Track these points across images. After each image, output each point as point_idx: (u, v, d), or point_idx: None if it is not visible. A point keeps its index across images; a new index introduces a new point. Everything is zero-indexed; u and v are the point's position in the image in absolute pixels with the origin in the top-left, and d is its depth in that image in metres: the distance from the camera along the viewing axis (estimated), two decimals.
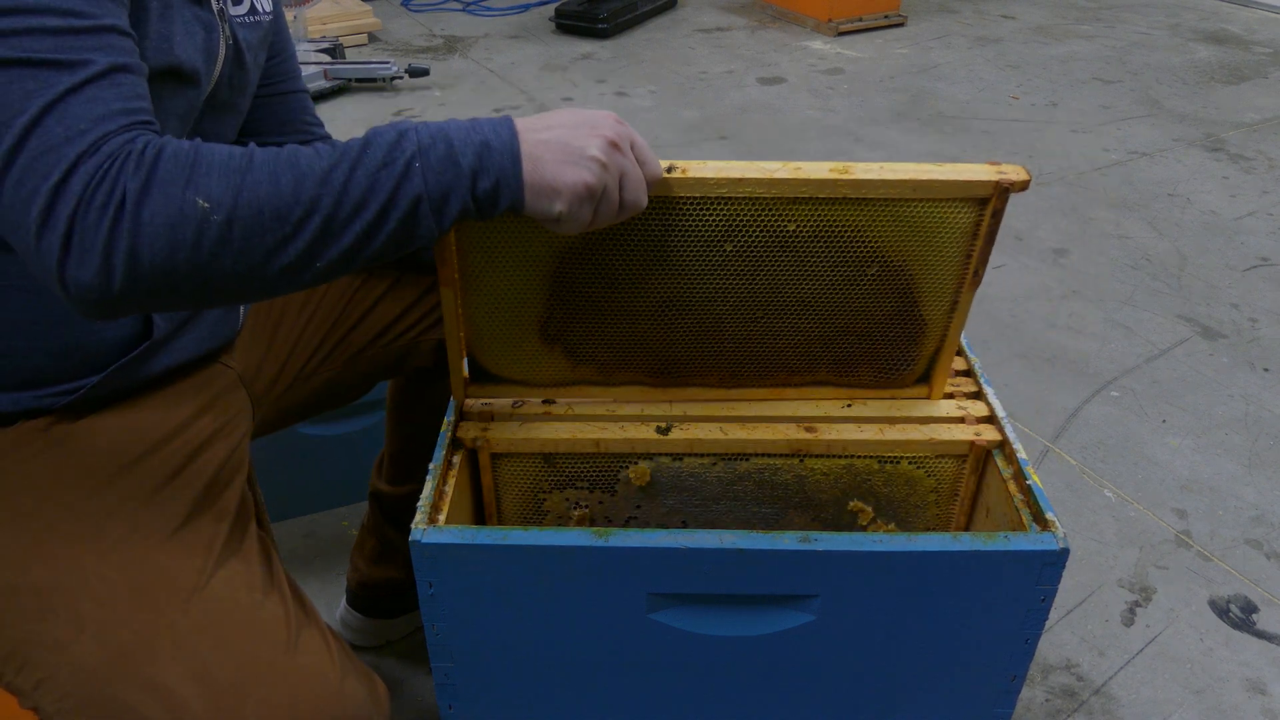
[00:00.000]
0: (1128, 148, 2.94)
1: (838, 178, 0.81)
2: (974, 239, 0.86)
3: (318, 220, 0.63)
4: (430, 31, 3.95)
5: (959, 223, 0.85)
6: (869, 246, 0.86)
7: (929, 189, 0.82)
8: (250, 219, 0.61)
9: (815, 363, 0.95)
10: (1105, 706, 1.28)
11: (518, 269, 0.87)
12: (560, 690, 0.90)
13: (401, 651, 1.33)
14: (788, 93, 3.35)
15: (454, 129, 0.67)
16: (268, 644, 0.73)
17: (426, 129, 0.67)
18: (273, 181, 0.61)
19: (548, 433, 0.94)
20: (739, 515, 1.00)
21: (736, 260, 0.87)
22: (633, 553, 0.79)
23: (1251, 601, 1.43)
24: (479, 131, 0.67)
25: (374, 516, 1.25)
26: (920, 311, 0.92)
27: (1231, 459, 1.71)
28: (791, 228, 0.85)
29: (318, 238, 0.63)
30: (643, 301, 0.89)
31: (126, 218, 0.58)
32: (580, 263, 0.86)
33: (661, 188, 0.80)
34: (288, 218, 0.62)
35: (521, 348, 0.93)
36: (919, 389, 0.98)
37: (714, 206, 0.83)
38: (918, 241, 0.86)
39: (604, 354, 0.94)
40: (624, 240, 0.85)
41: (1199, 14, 4.27)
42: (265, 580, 0.78)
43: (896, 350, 0.95)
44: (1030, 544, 0.80)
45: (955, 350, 0.98)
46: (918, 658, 0.87)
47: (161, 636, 0.70)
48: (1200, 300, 2.18)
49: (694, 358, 0.94)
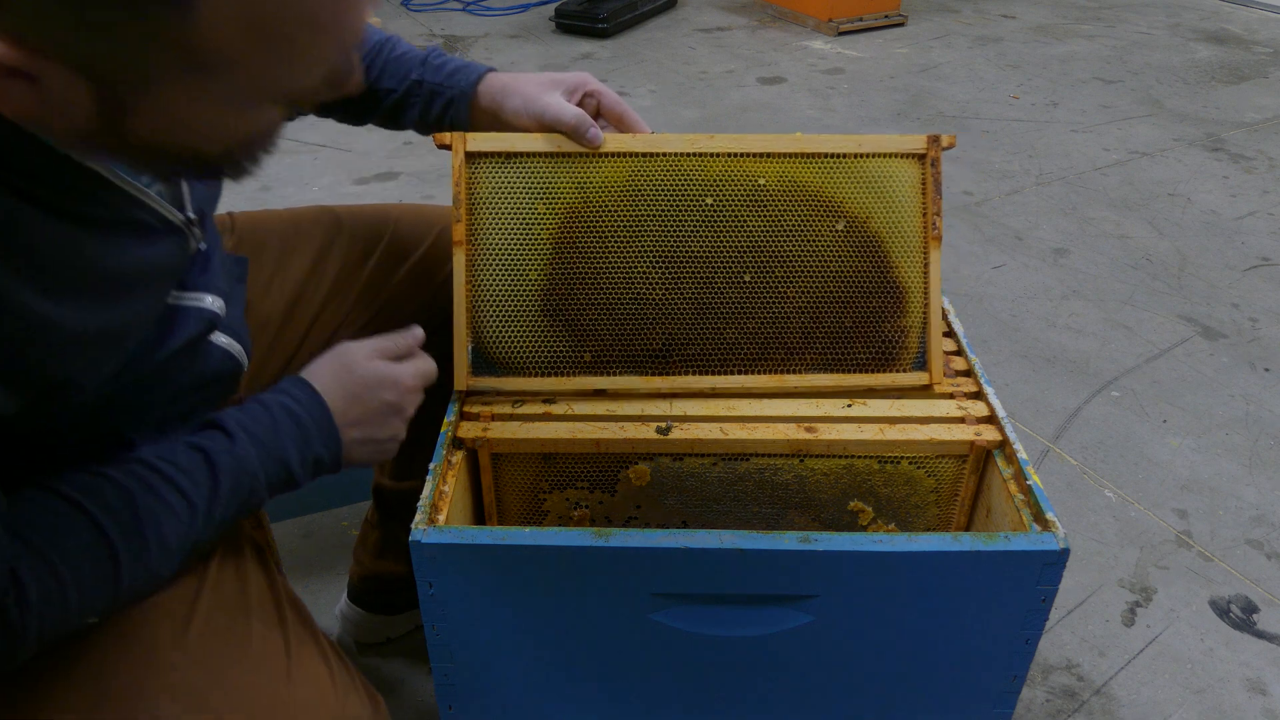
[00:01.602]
0: (1128, 147, 2.94)
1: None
2: (923, 192, 0.98)
3: (186, 553, 0.71)
4: (430, 31, 3.95)
5: (906, 175, 0.98)
6: (832, 201, 0.98)
7: (873, 145, 0.98)
8: (132, 596, 0.68)
9: (809, 339, 0.99)
10: (1105, 706, 1.28)
11: (523, 228, 0.96)
12: (560, 690, 0.89)
13: (401, 651, 1.33)
14: (788, 92, 3.35)
15: (290, 457, 0.77)
16: (265, 674, 0.71)
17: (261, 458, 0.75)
18: (146, 572, 0.68)
19: (548, 433, 0.94)
20: (739, 515, 1.00)
21: (718, 214, 0.97)
22: (633, 553, 0.79)
23: (1252, 602, 1.43)
24: (310, 449, 0.78)
25: (377, 512, 1.25)
26: (894, 275, 0.99)
27: (1232, 459, 1.71)
28: (762, 182, 0.97)
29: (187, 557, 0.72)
30: (637, 262, 0.97)
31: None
32: (579, 222, 0.96)
33: (644, 144, 0.96)
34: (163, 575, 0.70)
35: (523, 322, 0.96)
36: (919, 375, 1.00)
37: (689, 161, 0.97)
38: (874, 196, 0.98)
39: (603, 330, 0.96)
40: (616, 199, 0.96)
41: (1199, 14, 4.27)
42: (260, 594, 0.77)
43: (884, 324, 0.99)
44: (1030, 544, 0.80)
45: (941, 327, 1.02)
46: (918, 658, 0.87)
47: (156, 676, 0.69)
48: (1201, 300, 2.18)
49: (689, 332, 0.98)
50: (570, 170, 0.96)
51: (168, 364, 0.71)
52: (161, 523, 0.67)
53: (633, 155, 0.96)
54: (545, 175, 0.96)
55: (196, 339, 0.73)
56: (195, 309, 0.72)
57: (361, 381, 0.81)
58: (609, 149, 0.96)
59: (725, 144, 0.96)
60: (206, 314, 0.74)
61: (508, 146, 0.96)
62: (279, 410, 0.76)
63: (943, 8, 4.34)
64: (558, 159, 0.96)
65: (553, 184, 0.96)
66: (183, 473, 0.69)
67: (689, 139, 0.96)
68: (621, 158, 0.96)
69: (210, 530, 0.72)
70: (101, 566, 0.65)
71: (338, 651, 0.78)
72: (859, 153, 0.97)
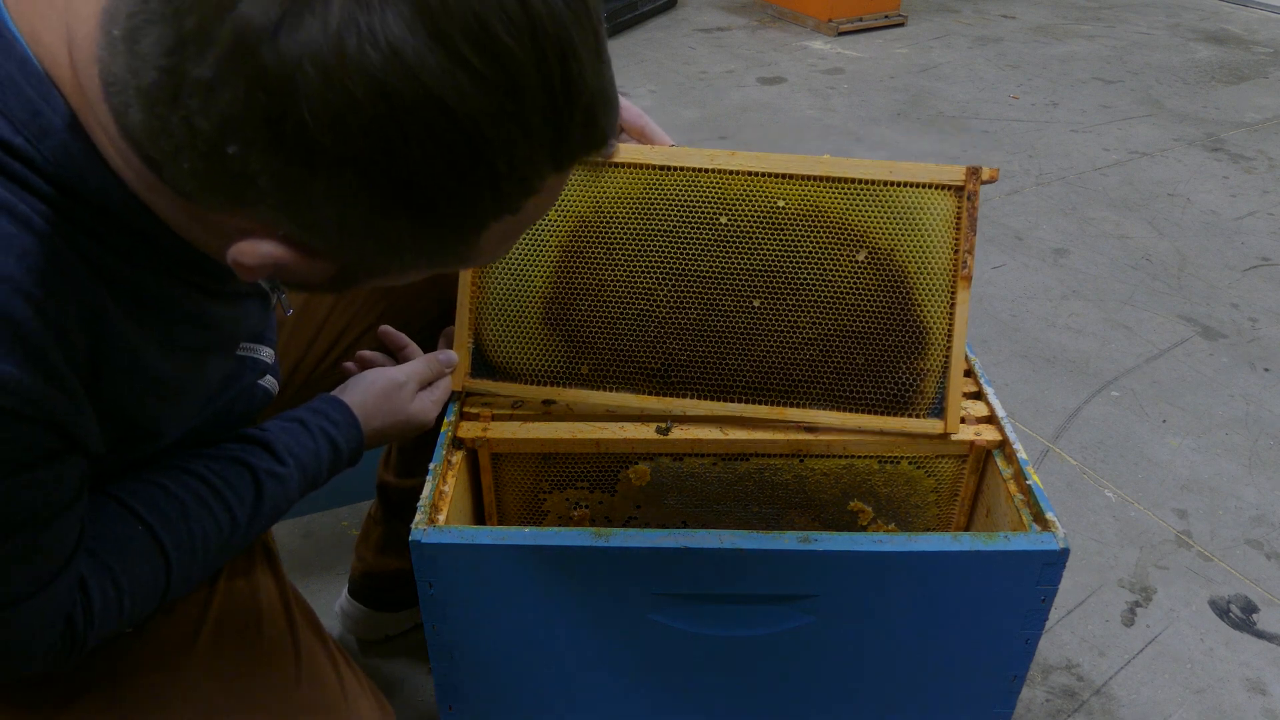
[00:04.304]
0: (1128, 147, 2.94)
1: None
2: (956, 227, 0.91)
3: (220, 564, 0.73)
4: None
5: (940, 208, 0.91)
6: (855, 230, 0.91)
7: (907, 173, 0.91)
8: (178, 590, 0.69)
9: (815, 373, 0.94)
10: (1105, 706, 1.28)
11: (531, 234, 0.94)
12: (560, 690, 0.90)
13: (401, 651, 1.33)
14: (788, 92, 3.35)
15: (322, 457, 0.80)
16: (275, 680, 0.72)
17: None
18: (188, 583, 0.69)
19: (548, 433, 0.94)
20: (739, 515, 1.00)
21: (731, 235, 0.92)
22: (633, 553, 0.79)
23: (1252, 601, 1.43)
24: (339, 468, 0.82)
25: (381, 508, 1.25)
26: (917, 314, 0.92)
27: (1232, 459, 1.71)
28: (781, 204, 0.92)
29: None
30: (643, 278, 0.94)
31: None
32: (588, 232, 0.93)
33: (660, 157, 0.92)
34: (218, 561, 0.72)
35: (525, 330, 0.95)
36: (933, 422, 0.93)
37: (706, 177, 0.92)
38: (902, 227, 0.91)
39: (602, 344, 0.95)
40: (628, 211, 0.93)
41: (1199, 14, 4.27)
42: (270, 600, 0.77)
43: (900, 364, 0.93)
44: (1030, 544, 0.80)
45: (963, 369, 0.95)
46: (918, 658, 0.87)
47: (170, 685, 0.70)
48: (1200, 300, 2.18)
49: (690, 354, 0.95)
50: (583, 178, 0.93)
51: (223, 410, 0.73)
52: (208, 537, 0.68)
53: (648, 167, 0.93)
54: None
55: (249, 386, 0.74)
56: (253, 360, 0.74)
57: (397, 423, 0.87)
58: (624, 159, 0.93)
59: (746, 162, 0.92)
60: (262, 365, 0.75)
61: None
62: (321, 437, 0.79)
63: (943, 8, 4.34)
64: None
65: (565, 191, 0.94)
66: (230, 488, 0.70)
67: (708, 154, 0.92)
68: (637, 169, 0.93)
69: (243, 545, 0.73)
70: (156, 578, 0.66)
71: (345, 654, 0.78)
72: (890, 180, 0.91)
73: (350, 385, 0.86)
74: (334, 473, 0.82)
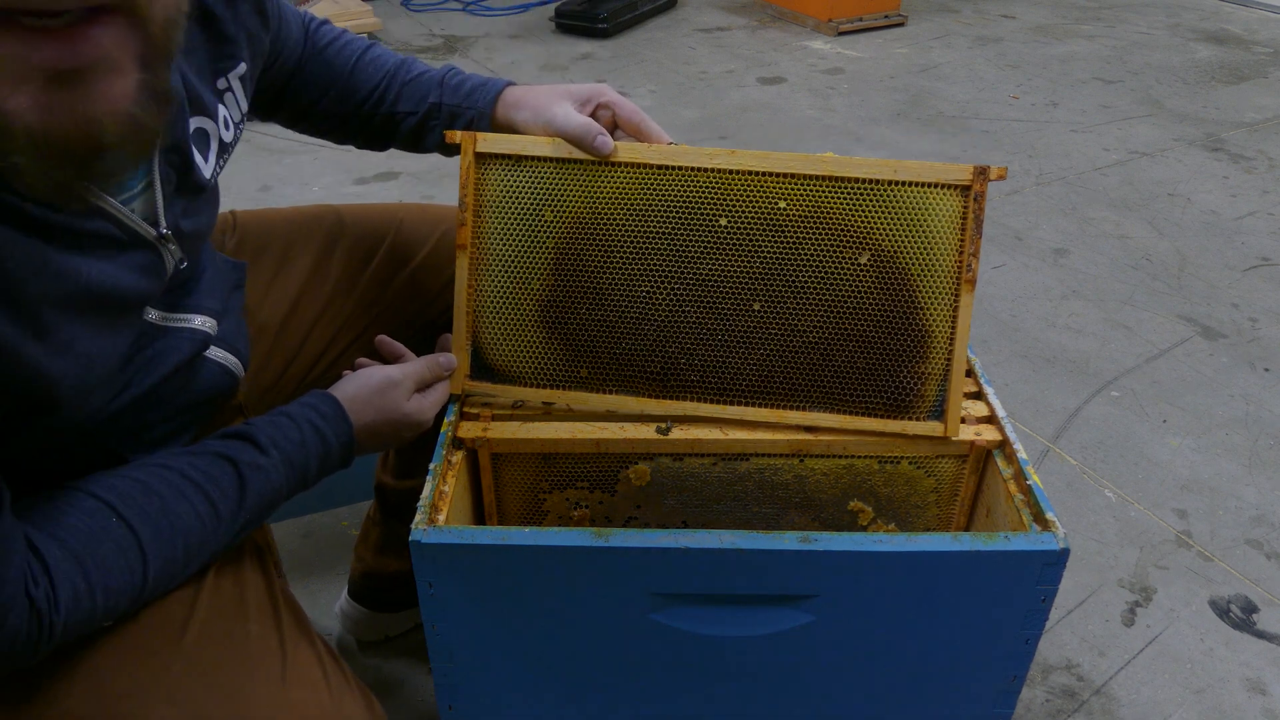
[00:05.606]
0: (1128, 147, 2.94)
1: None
2: (962, 229, 0.90)
3: (205, 561, 0.74)
4: (430, 31, 3.95)
5: (945, 208, 0.89)
6: (858, 231, 0.90)
7: (912, 172, 0.89)
8: (150, 600, 0.70)
9: (816, 376, 0.93)
10: (1105, 706, 1.28)
11: (528, 235, 0.93)
12: (560, 690, 0.89)
13: (401, 651, 1.33)
14: (788, 92, 3.35)
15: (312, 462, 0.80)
16: (260, 679, 0.71)
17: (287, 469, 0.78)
18: (169, 579, 0.70)
19: (548, 433, 0.94)
20: (739, 515, 1.00)
21: (732, 236, 0.91)
22: (633, 553, 0.79)
23: (1252, 601, 1.43)
24: (329, 465, 0.82)
25: (379, 509, 1.25)
26: (919, 317, 0.91)
27: (1232, 459, 1.71)
28: (783, 205, 0.90)
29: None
30: (641, 281, 0.93)
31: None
32: (585, 234, 0.93)
33: (659, 156, 0.91)
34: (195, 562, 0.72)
35: (523, 333, 0.95)
36: (933, 425, 0.93)
37: (706, 176, 0.90)
38: (906, 228, 0.90)
39: (601, 348, 0.94)
40: (625, 212, 0.92)
41: (1199, 14, 4.27)
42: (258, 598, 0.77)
43: (901, 368, 0.92)
44: (1030, 544, 0.80)
45: (964, 371, 0.94)
46: (917, 658, 0.87)
47: (155, 682, 0.69)
48: (1200, 300, 2.18)
49: (690, 358, 0.94)
50: (581, 179, 0.92)
51: (161, 386, 0.72)
52: (190, 532, 0.68)
53: (646, 166, 0.91)
54: (555, 182, 0.92)
55: (190, 360, 0.73)
56: (186, 330, 0.72)
57: (391, 421, 0.86)
58: (622, 158, 0.91)
59: (746, 161, 0.89)
60: (198, 335, 0.74)
61: (519, 149, 0.92)
62: (308, 428, 0.79)
63: (943, 8, 4.34)
64: (568, 165, 0.92)
65: (562, 192, 0.92)
66: (212, 481, 0.70)
67: (707, 153, 0.90)
68: (635, 168, 0.91)
69: (230, 540, 0.73)
70: (132, 570, 0.66)
71: (333, 653, 0.78)
72: (894, 180, 0.89)
73: (343, 381, 0.87)
74: (325, 467, 0.81)
